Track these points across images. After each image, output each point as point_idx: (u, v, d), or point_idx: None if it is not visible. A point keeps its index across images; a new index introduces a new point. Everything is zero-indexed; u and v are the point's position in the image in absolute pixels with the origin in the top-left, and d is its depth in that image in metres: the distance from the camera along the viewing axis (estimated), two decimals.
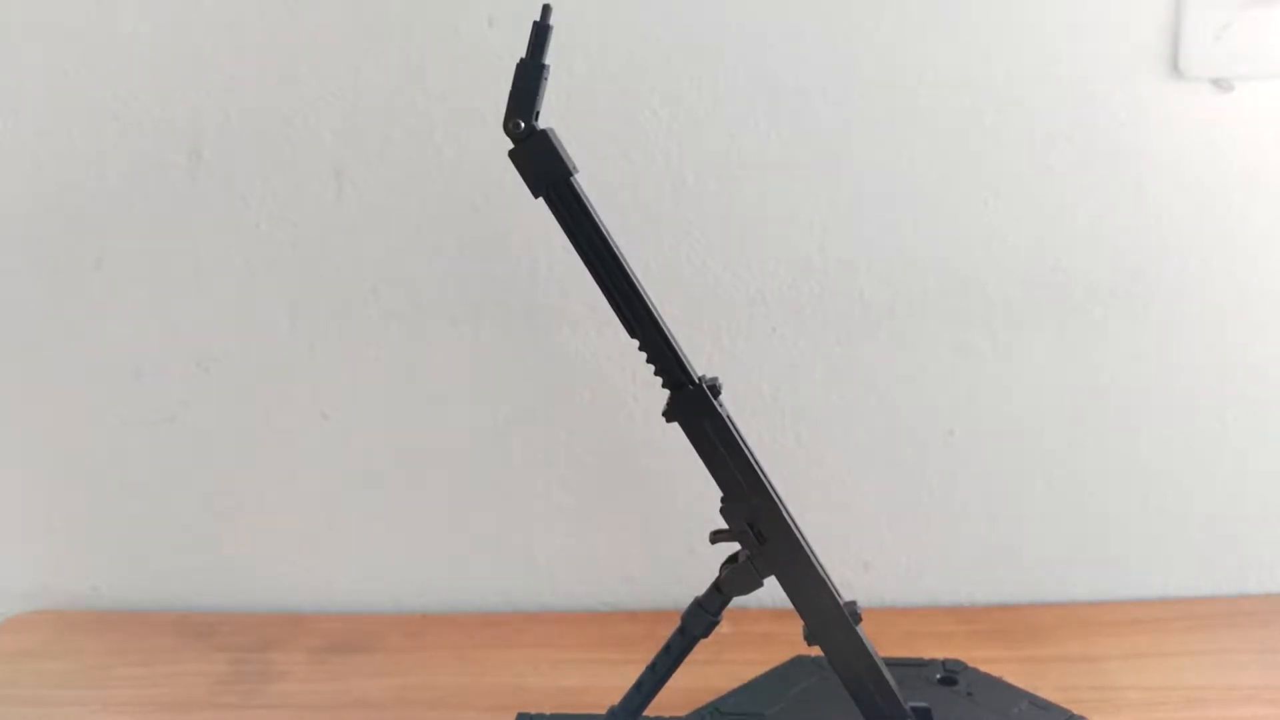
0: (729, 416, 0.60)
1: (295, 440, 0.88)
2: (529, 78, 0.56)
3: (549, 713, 0.71)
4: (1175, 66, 0.78)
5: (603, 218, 0.58)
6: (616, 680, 0.67)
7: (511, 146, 0.57)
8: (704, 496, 0.64)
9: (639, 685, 0.65)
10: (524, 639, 0.85)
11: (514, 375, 0.86)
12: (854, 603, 0.62)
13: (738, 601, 0.63)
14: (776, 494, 0.61)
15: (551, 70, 0.56)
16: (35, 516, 0.91)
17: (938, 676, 0.73)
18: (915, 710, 0.63)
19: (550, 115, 0.58)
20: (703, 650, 0.64)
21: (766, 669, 0.75)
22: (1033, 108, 0.80)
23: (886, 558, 0.88)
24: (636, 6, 0.79)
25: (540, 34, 0.55)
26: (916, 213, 0.82)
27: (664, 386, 0.60)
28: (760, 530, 0.61)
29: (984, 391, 0.85)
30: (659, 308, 0.59)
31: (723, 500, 0.61)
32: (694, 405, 0.60)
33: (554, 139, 0.57)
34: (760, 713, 0.70)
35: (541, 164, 0.57)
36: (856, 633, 0.61)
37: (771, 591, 0.63)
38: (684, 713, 0.70)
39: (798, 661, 0.75)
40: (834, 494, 0.87)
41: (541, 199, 0.58)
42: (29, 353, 0.87)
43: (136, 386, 0.87)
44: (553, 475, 0.88)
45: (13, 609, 0.92)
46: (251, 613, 0.90)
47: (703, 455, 0.61)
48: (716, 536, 0.63)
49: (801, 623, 0.62)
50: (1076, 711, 0.70)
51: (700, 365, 0.61)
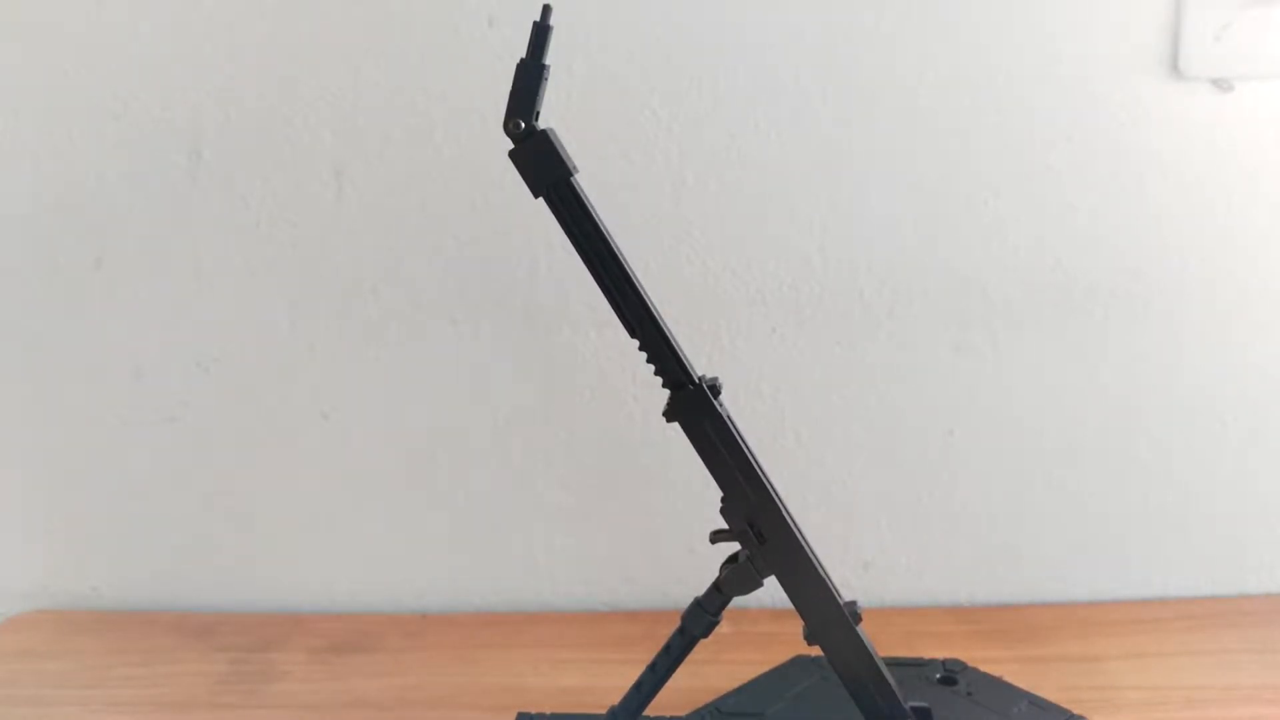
0: (729, 416, 0.60)
1: (295, 440, 0.88)
2: (529, 78, 0.56)
3: (549, 713, 0.71)
4: (1175, 66, 0.78)
5: (603, 218, 0.58)
6: (616, 680, 0.67)
7: (512, 146, 0.57)
8: (704, 496, 0.64)
9: (639, 685, 0.65)
10: (524, 639, 0.85)
11: (514, 375, 0.86)
12: (854, 603, 0.62)
13: (738, 601, 0.63)
14: (776, 494, 0.61)
15: (551, 70, 0.57)
16: (35, 516, 0.91)
17: (938, 676, 0.73)
18: (915, 710, 0.63)
19: (550, 115, 0.58)
20: (703, 650, 0.64)
21: (766, 669, 0.75)
22: (1033, 108, 0.80)
23: (886, 558, 0.88)
24: (636, 6, 0.79)
25: (540, 34, 0.56)
26: (916, 213, 0.82)
27: (664, 386, 0.60)
28: (760, 530, 0.61)
29: (984, 391, 0.85)
30: (659, 308, 0.59)
31: (723, 500, 0.61)
32: (694, 405, 0.60)
33: (554, 139, 0.57)
34: (760, 713, 0.70)
35: (541, 164, 0.57)
36: (856, 633, 0.61)
37: (771, 591, 0.63)
38: (684, 713, 0.70)
39: (798, 661, 0.75)
40: (834, 494, 0.87)
41: (541, 199, 0.58)
42: (29, 353, 0.87)
43: (136, 386, 0.87)
44: (553, 475, 0.88)
45: (13, 609, 0.92)
46: (251, 613, 0.90)
47: (703, 455, 0.61)
48: (716, 536, 0.63)
49: (801, 623, 0.62)
50: (1076, 711, 0.70)
51: (700, 365, 0.61)
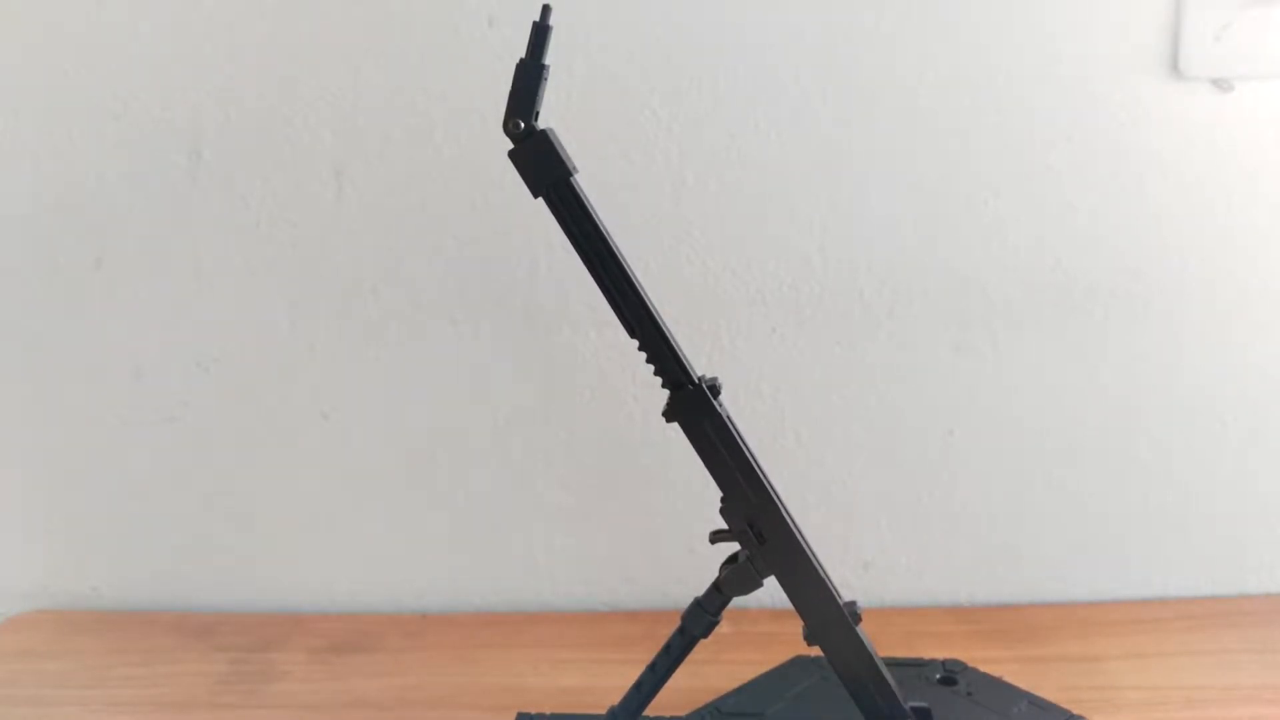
0: (729, 416, 0.60)
1: (295, 440, 0.88)
2: (529, 78, 0.56)
3: (549, 713, 0.71)
4: (1175, 66, 0.78)
5: (603, 218, 0.58)
6: (616, 680, 0.67)
7: (511, 146, 0.57)
8: (704, 496, 0.64)
9: (639, 685, 0.65)
10: (524, 639, 0.85)
11: (514, 375, 0.86)
12: (854, 603, 0.62)
13: (738, 601, 0.63)
14: (776, 494, 0.61)
15: (551, 70, 0.57)
16: (35, 516, 0.91)
17: (938, 676, 0.73)
18: (915, 710, 0.63)
19: (550, 115, 0.58)
20: (703, 650, 0.64)
21: (766, 669, 0.75)
22: (1033, 108, 0.80)
23: (886, 558, 0.88)
24: (636, 6, 0.79)
25: (540, 34, 0.56)
26: (916, 213, 0.82)
27: (664, 386, 0.60)
28: (760, 530, 0.61)
29: (984, 391, 0.85)
30: (659, 308, 0.59)
31: (723, 500, 0.61)
32: (694, 405, 0.60)
33: (554, 139, 0.57)
34: (760, 713, 0.70)
35: (541, 164, 0.57)
36: (856, 633, 0.61)
37: (771, 591, 0.63)
38: (684, 713, 0.70)
39: (798, 661, 0.75)
40: (834, 494, 0.87)
41: (541, 199, 0.58)
42: (29, 353, 0.87)
43: (136, 386, 0.87)
44: (553, 475, 0.88)
45: (13, 609, 0.92)
46: (251, 613, 0.90)
47: (703, 455, 0.61)
48: (716, 536, 0.63)
49: (801, 623, 0.62)
50: (1076, 711, 0.70)
51: (700, 365, 0.61)
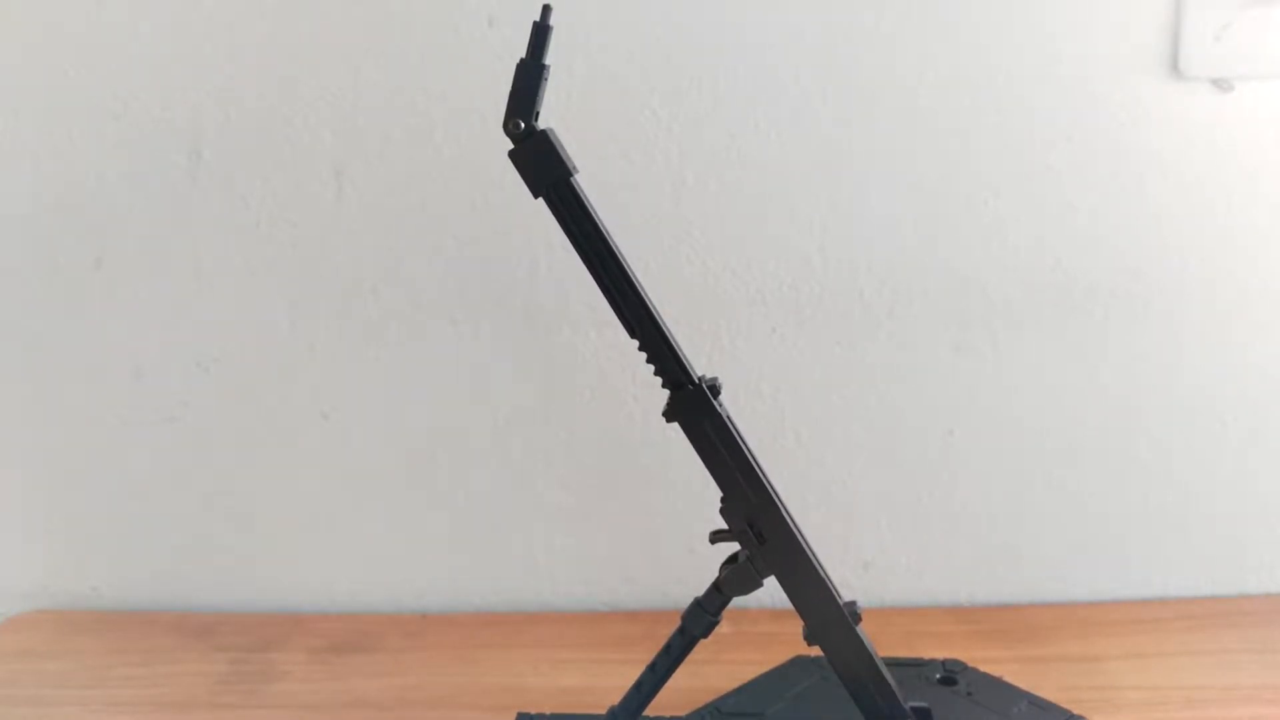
0: (729, 416, 0.60)
1: (295, 440, 0.88)
2: (529, 78, 0.56)
3: (549, 713, 0.71)
4: (1175, 66, 0.78)
5: (603, 218, 0.58)
6: (616, 680, 0.67)
7: (511, 147, 0.57)
8: (704, 496, 0.64)
9: (639, 685, 0.65)
10: (524, 639, 0.85)
11: (514, 375, 0.86)
12: (854, 603, 0.62)
13: (738, 601, 0.63)
14: (776, 494, 0.61)
15: (551, 70, 0.56)
16: (35, 516, 0.91)
17: (938, 676, 0.73)
18: (915, 710, 0.63)
19: (550, 115, 0.58)
20: (703, 650, 0.64)
21: (766, 669, 0.75)
22: (1033, 108, 0.80)
23: (886, 558, 0.88)
24: (636, 6, 0.79)
25: (540, 34, 0.55)
26: (916, 213, 0.82)
27: (664, 386, 0.60)
28: (760, 530, 0.61)
29: (984, 391, 0.85)
30: (659, 308, 0.59)
31: (723, 500, 0.61)
32: (694, 405, 0.60)
33: (554, 139, 0.57)
34: (760, 713, 0.70)
35: (541, 164, 0.57)
36: (856, 633, 0.61)
37: (771, 591, 0.62)
38: (684, 713, 0.70)
39: (798, 661, 0.75)
40: (834, 494, 0.87)
41: (541, 199, 0.58)
42: (29, 353, 0.87)
43: (136, 386, 0.87)
44: (553, 475, 0.88)
45: (13, 609, 0.92)
46: (251, 613, 0.90)
47: (703, 455, 0.61)
48: (716, 536, 0.63)
49: (801, 623, 0.62)
50: (1076, 711, 0.70)
51: (700, 365, 0.61)
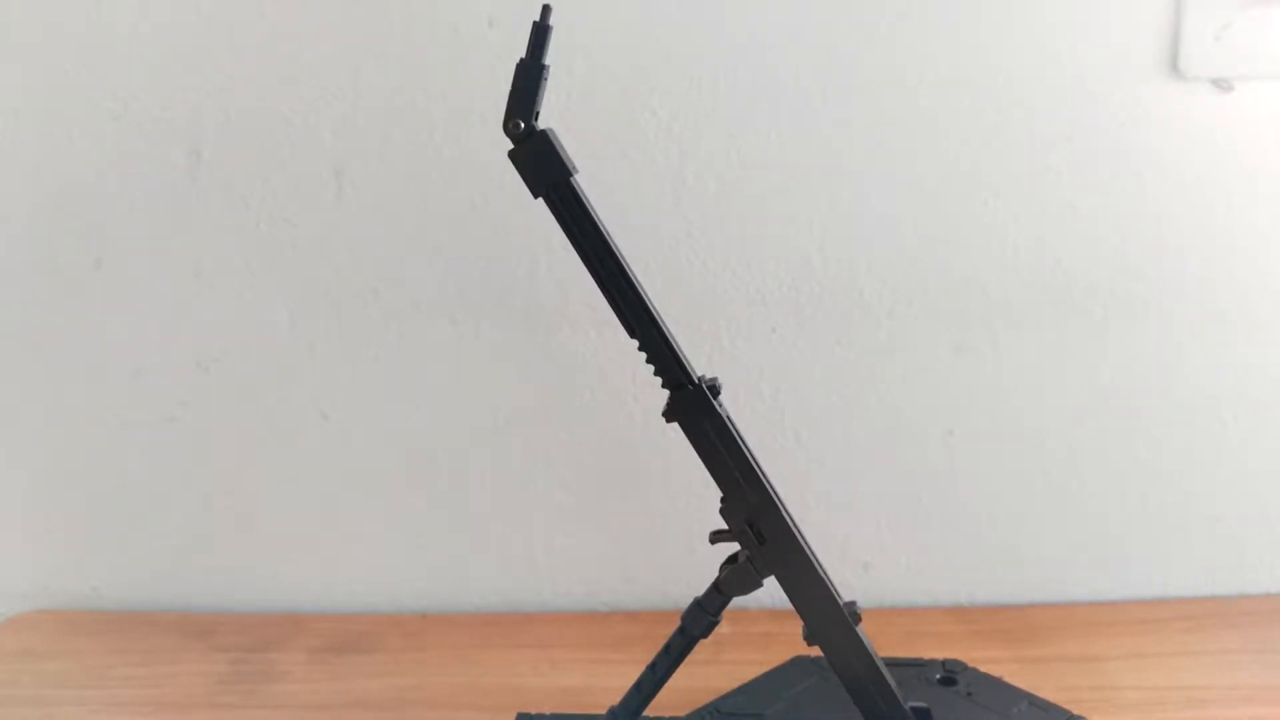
0: (729, 416, 0.60)
1: (295, 440, 0.88)
2: (529, 78, 0.56)
3: (549, 713, 0.71)
4: (1175, 66, 0.78)
5: (603, 218, 0.58)
6: (616, 680, 0.67)
7: (511, 147, 0.57)
8: (704, 496, 0.64)
9: (639, 685, 0.65)
10: (524, 639, 0.85)
11: (514, 375, 0.86)
12: (854, 603, 0.62)
13: (738, 601, 0.63)
14: (776, 494, 0.61)
15: (551, 70, 0.57)
16: (35, 516, 0.91)
17: (938, 676, 0.73)
18: (915, 710, 0.63)
19: (550, 115, 0.58)
20: (703, 650, 0.64)
21: (766, 669, 0.75)
22: (1033, 108, 0.80)
23: (886, 558, 0.88)
24: (636, 6, 0.79)
25: (540, 34, 0.55)
26: (916, 213, 0.82)
27: (664, 386, 0.60)
28: (760, 530, 0.61)
29: (984, 391, 0.85)
30: (659, 308, 0.59)
31: (723, 500, 0.61)
32: (694, 405, 0.60)
33: (554, 139, 0.57)
34: (760, 713, 0.70)
35: (541, 164, 0.57)
36: (856, 633, 0.61)
37: (771, 591, 0.62)
38: (684, 713, 0.70)
39: (798, 661, 0.75)
40: (834, 494, 0.87)
41: (541, 199, 0.58)
42: (29, 353, 0.87)
43: (136, 386, 0.87)
44: (553, 475, 0.88)
45: (13, 609, 0.92)
46: (251, 613, 0.90)
47: (703, 455, 0.61)
48: (716, 536, 0.63)
49: (801, 623, 0.62)
50: (1076, 711, 0.70)
51: (700, 365, 0.61)
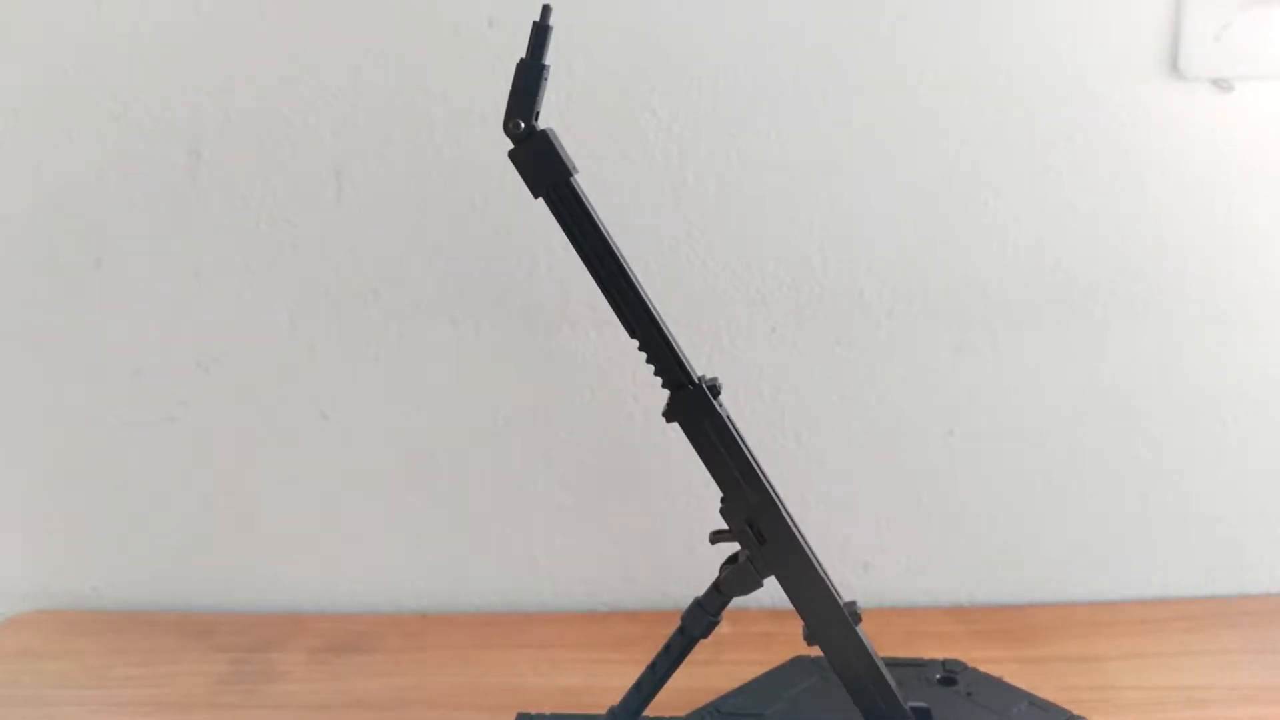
0: (729, 416, 0.60)
1: (295, 440, 0.88)
2: (529, 78, 0.56)
3: (549, 713, 0.71)
4: (1175, 66, 0.78)
5: (603, 218, 0.58)
6: (616, 680, 0.67)
7: (511, 147, 0.57)
8: (704, 496, 0.64)
9: (639, 685, 0.65)
10: (524, 639, 0.85)
11: (514, 375, 0.86)
12: (854, 603, 0.62)
13: (738, 601, 0.63)
14: (776, 494, 0.61)
15: (551, 70, 0.57)
16: (35, 516, 0.91)
17: (938, 676, 0.73)
18: (915, 710, 0.63)
19: (550, 115, 0.58)
20: (703, 650, 0.64)
21: (766, 669, 0.75)
22: (1033, 108, 0.80)
23: (886, 558, 0.88)
24: (636, 6, 0.79)
25: (540, 34, 0.55)
26: (916, 213, 0.82)
27: (664, 386, 0.60)
28: (760, 530, 0.61)
29: (984, 391, 0.85)
30: (659, 308, 0.59)
31: (723, 500, 0.61)
32: (694, 405, 0.60)
33: (554, 139, 0.57)
34: (760, 713, 0.70)
35: (541, 164, 0.57)
36: (856, 633, 0.61)
37: (771, 591, 0.62)
38: (684, 713, 0.70)
39: (798, 661, 0.75)
40: (834, 494, 0.87)
41: (541, 199, 0.58)
42: (29, 353, 0.87)
43: (136, 386, 0.87)
44: (553, 475, 0.88)
45: (13, 609, 0.92)
46: (251, 613, 0.90)
47: (703, 455, 0.61)
48: (716, 536, 0.63)
49: (801, 623, 0.62)
50: (1076, 711, 0.70)
51: (700, 365, 0.61)
